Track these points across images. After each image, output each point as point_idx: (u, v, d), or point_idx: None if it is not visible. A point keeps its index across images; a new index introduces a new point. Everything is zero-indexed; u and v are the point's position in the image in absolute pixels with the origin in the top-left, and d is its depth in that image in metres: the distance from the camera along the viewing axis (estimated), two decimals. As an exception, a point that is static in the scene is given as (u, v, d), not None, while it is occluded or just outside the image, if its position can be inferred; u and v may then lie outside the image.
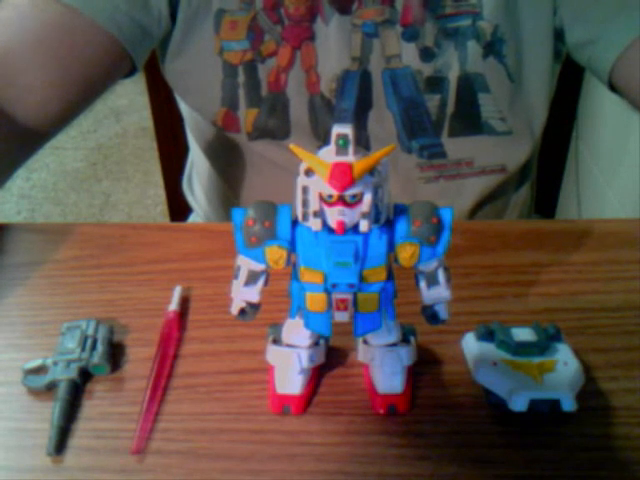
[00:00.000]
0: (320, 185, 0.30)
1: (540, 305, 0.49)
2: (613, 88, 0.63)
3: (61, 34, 0.58)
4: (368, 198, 0.30)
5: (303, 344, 0.40)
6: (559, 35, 0.66)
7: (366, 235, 0.32)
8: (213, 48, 0.65)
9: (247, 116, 0.67)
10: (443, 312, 0.37)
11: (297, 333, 0.40)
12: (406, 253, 0.33)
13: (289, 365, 0.40)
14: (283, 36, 0.63)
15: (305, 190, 0.31)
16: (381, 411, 0.40)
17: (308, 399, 0.41)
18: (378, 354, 0.40)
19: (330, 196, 0.30)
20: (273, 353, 0.41)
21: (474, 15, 0.63)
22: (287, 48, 0.63)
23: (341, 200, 0.30)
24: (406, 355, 0.40)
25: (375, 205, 0.31)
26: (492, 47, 0.63)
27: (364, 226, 0.31)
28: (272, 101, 0.66)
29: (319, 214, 0.31)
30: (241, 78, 0.65)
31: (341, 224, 0.31)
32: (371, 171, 0.31)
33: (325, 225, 0.32)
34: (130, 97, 2.62)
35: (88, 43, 0.59)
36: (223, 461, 0.38)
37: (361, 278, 0.32)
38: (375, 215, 0.32)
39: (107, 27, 0.59)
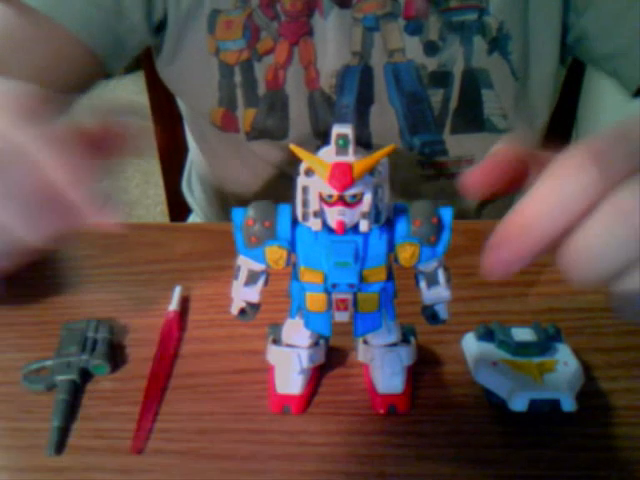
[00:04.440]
0: (320, 185, 0.30)
1: (540, 305, 0.49)
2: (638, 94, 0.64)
3: (34, 40, 0.59)
4: (368, 198, 0.30)
5: (303, 344, 0.40)
6: (573, 46, 0.66)
7: (366, 235, 0.32)
8: (208, 49, 0.64)
9: (245, 116, 0.67)
10: (443, 312, 0.37)
11: (297, 333, 0.40)
12: (406, 253, 0.33)
13: (289, 365, 0.40)
14: (280, 32, 0.63)
15: (305, 190, 0.31)
16: (381, 411, 0.40)
17: (308, 399, 0.41)
18: (378, 354, 0.40)
19: (330, 196, 0.30)
20: (273, 353, 0.41)
21: (480, 10, 0.62)
22: (284, 44, 0.63)
23: (341, 200, 0.30)
24: (406, 355, 0.40)
25: (375, 205, 0.31)
26: (497, 43, 0.63)
27: (364, 226, 0.31)
28: (270, 99, 0.65)
29: (319, 214, 0.31)
30: (238, 78, 0.65)
31: (341, 224, 0.31)
32: (371, 171, 0.31)
33: (325, 225, 0.32)
34: (130, 97, 2.62)
35: (60, 50, 0.60)
36: (223, 461, 0.38)
37: (361, 278, 0.32)
38: (375, 215, 0.32)
39: (80, 36, 0.59)
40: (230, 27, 0.63)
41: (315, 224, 0.31)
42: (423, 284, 0.36)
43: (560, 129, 0.96)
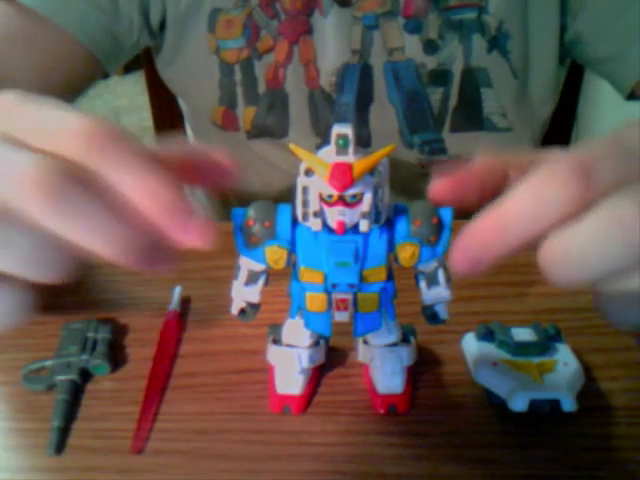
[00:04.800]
0: (320, 185, 0.30)
1: (540, 305, 0.49)
2: (631, 97, 0.64)
3: (32, 40, 0.59)
4: (368, 198, 0.30)
5: (303, 344, 0.40)
6: (570, 48, 0.66)
7: (366, 235, 0.32)
8: (209, 48, 0.65)
9: (245, 114, 0.67)
10: (443, 312, 0.37)
11: (297, 333, 0.40)
12: (406, 253, 0.33)
13: (289, 365, 0.40)
14: (280, 31, 0.63)
15: (305, 190, 0.31)
16: (381, 411, 0.40)
17: (308, 399, 0.41)
18: (378, 354, 0.40)
19: (330, 196, 0.30)
20: (273, 353, 0.41)
21: (479, 9, 0.62)
22: (284, 43, 0.63)
23: (341, 200, 0.30)
24: (406, 355, 0.40)
25: (375, 205, 0.31)
26: (496, 42, 0.63)
27: (364, 226, 0.31)
28: (270, 98, 0.66)
29: (319, 214, 0.31)
30: (238, 76, 0.65)
31: (341, 224, 0.31)
32: (371, 171, 0.31)
33: (325, 225, 0.32)
34: (130, 97, 2.62)
35: (58, 50, 0.60)
36: (223, 461, 0.38)
37: (361, 278, 0.32)
38: (375, 215, 0.32)
39: (77, 36, 0.59)
40: (230, 26, 0.63)
41: (315, 224, 0.31)
42: (423, 284, 0.36)
43: (560, 129, 0.96)
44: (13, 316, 0.26)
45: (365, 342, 0.41)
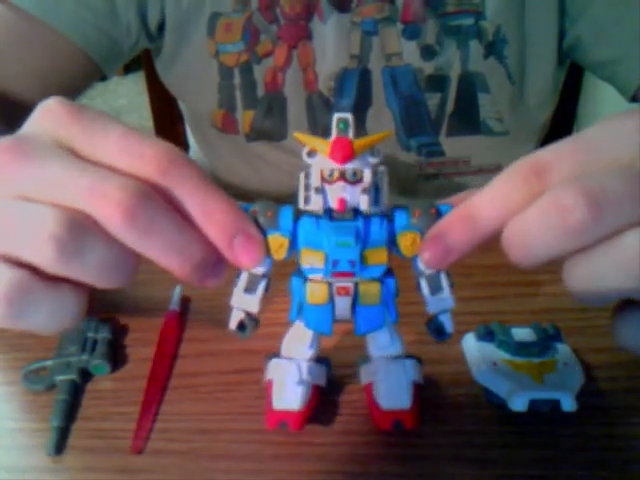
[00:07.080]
0: (322, 162, 0.31)
1: (540, 305, 0.49)
2: (634, 100, 0.64)
3: (29, 42, 0.59)
4: (368, 174, 0.31)
5: (303, 357, 0.39)
6: (569, 52, 0.66)
7: (367, 220, 0.33)
8: (208, 52, 0.65)
9: (244, 117, 0.67)
10: (449, 323, 0.35)
11: (297, 346, 0.38)
12: (407, 241, 0.33)
13: (288, 377, 0.38)
14: (279, 35, 0.63)
15: (307, 175, 0.32)
16: (386, 428, 0.38)
17: (307, 417, 0.39)
18: (382, 366, 0.39)
19: (331, 174, 0.31)
20: (271, 367, 0.39)
21: (476, 14, 0.62)
22: (283, 47, 0.64)
23: (342, 177, 0.31)
24: (411, 368, 0.39)
25: (375, 184, 0.32)
26: (493, 47, 0.63)
27: (364, 203, 0.31)
28: (269, 101, 0.66)
29: (320, 191, 0.32)
30: (237, 80, 0.65)
31: (342, 201, 0.31)
32: (370, 151, 0.31)
33: (326, 213, 0.32)
34: (130, 97, 2.62)
35: (55, 52, 0.60)
36: (223, 461, 0.38)
37: (362, 259, 0.33)
38: (375, 196, 0.32)
39: (73, 38, 0.59)
40: (230, 30, 0.63)
41: (316, 203, 0.32)
42: (426, 290, 0.35)
43: (560, 130, 0.96)
44: (69, 319, 0.28)
45: (367, 360, 0.40)
